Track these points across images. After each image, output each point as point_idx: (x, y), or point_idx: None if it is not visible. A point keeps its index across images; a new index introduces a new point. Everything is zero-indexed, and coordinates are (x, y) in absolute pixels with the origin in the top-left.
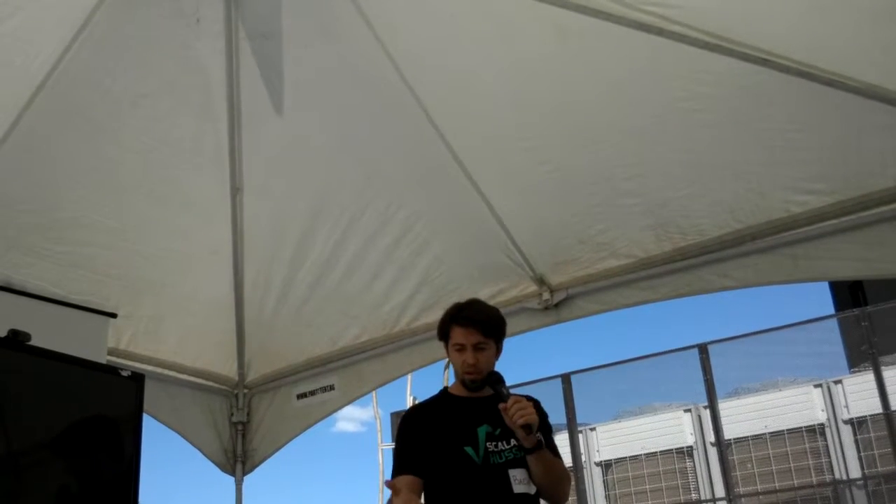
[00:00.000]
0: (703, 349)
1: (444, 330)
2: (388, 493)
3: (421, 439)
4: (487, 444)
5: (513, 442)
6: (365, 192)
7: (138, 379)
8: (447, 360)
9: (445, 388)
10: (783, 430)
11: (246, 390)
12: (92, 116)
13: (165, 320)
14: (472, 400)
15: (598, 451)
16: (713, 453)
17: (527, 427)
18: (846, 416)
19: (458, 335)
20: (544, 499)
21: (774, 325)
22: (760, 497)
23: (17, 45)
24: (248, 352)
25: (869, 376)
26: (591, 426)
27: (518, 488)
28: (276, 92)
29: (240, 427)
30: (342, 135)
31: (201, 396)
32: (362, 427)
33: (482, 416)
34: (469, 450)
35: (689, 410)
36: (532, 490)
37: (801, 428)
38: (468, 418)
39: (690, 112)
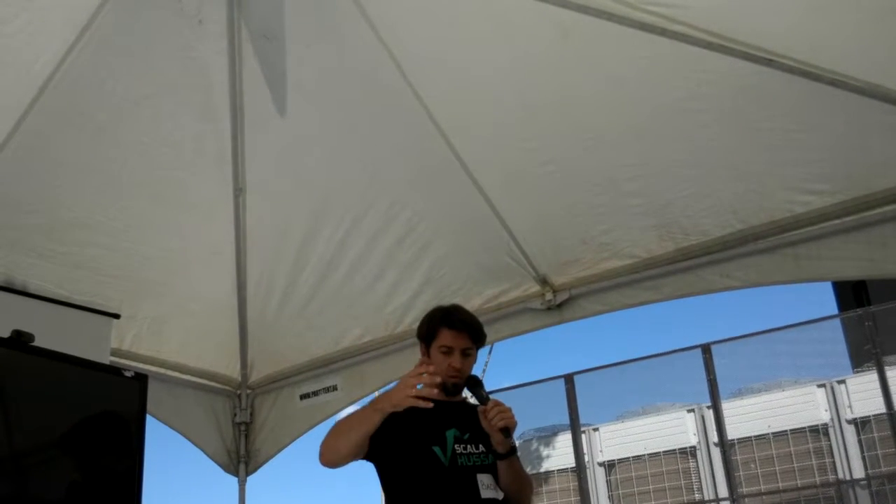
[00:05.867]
0: (706, 349)
1: (429, 331)
2: None
3: (387, 427)
4: (456, 446)
5: (481, 447)
6: (367, 193)
7: (142, 379)
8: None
9: None
10: (786, 431)
11: (249, 391)
12: (95, 117)
13: (168, 321)
14: (440, 403)
15: (601, 451)
16: (716, 453)
17: (505, 430)
18: (850, 416)
19: (446, 338)
20: None
21: (777, 326)
22: (764, 497)
23: (20, 46)
24: (250, 352)
25: (872, 376)
26: (595, 426)
27: (486, 493)
28: (278, 93)
29: (243, 427)
30: (344, 135)
31: (204, 397)
32: None
33: (450, 420)
34: (437, 450)
35: (692, 411)
36: (500, 496)
37: (804, 428)
38: (437, 420)
39: (693, 112)
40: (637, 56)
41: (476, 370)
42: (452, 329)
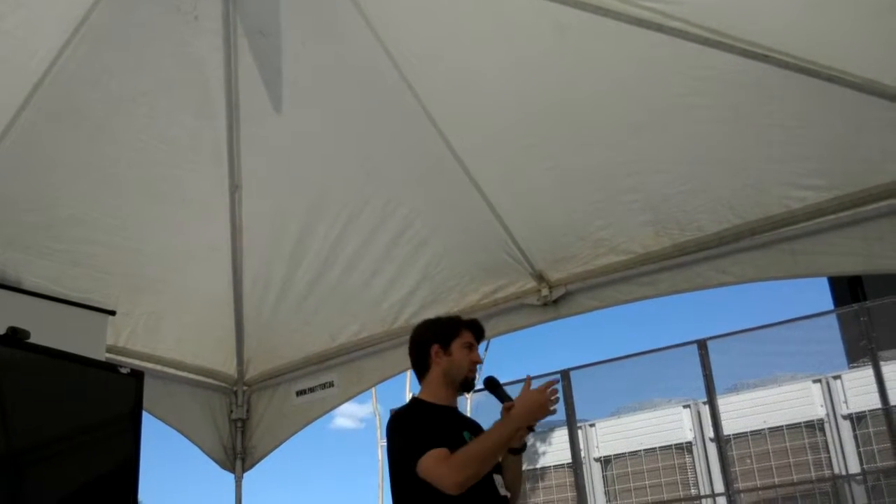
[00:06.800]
0: (701, 345)
1: (450, 331)
2: (388, 490)
3: (429, 429)
4: None
5: None
6: (364, 190)
7: (138, 376)
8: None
9: (416, 399)
10: (782, 426)
11: (245, 387)
12: (90, 114)
13: (164, 317)
14: (449, 408)
15: (597, 446)
16: (712, 449)
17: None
18: (845, 412)
19: (469, 335)
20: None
21: (773, 321)
22: (759, 492)
23: (15, 42)
24: (247, 349)
25: (868, 371)
26: (591, 422)
27: (501, 491)
28: (274, 89)
29: (239, 424)
30: (341, 132)
31: (201, 393)
32: (361, 423)
33: (461, 424)
34: None
35: (688, 406)
36: (508, 494)
37: (800, 423)
38: (452, 424)
39: (690, 108)
40: (634, 52)
41: None
42: (470, 330)
